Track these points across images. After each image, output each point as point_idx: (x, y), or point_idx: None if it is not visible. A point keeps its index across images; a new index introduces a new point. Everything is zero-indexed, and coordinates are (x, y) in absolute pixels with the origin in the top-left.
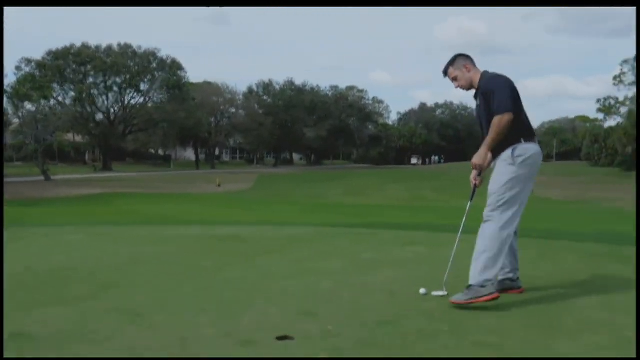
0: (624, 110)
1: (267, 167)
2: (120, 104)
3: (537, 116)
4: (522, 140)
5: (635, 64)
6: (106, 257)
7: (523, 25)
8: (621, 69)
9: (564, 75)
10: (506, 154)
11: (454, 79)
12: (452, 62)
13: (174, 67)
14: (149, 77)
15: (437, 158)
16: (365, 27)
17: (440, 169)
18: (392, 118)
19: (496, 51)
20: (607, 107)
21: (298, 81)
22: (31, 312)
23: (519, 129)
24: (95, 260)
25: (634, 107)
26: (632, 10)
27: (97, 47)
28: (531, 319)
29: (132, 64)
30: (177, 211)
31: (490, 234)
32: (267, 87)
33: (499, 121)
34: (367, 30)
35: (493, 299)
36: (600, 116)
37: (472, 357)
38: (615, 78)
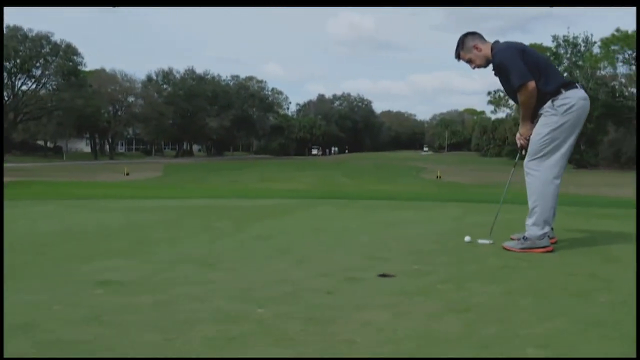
0: (512, 102)
1: (167, 158)
2: (10, 91)
3: (427, 110)
4: (562, 91)
5: None
6: (106, 222)
7: (410, 22)
8: None
9: (450, 71)
10: (548, 104)
11: (469, 61)
12: (461, 46)
13: (69, 52)
14: (41, 61)
15: (336, 149)
16: (259, 21)
17: (343, 159)
18: (292, 109)
19: (386, 47)
20: (497, 100)
21: (198, 70)
22: (93, 263)
23: (551, 84)
24: (97, 224)
25: None
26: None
27: None
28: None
29: (22, 48)
30: (111, 193)
31: (538, 187)
32: (167, 75)
33: (522, 96)
34: (261, 23)
35: (547, 252)
36: (488, 109)
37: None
38: None
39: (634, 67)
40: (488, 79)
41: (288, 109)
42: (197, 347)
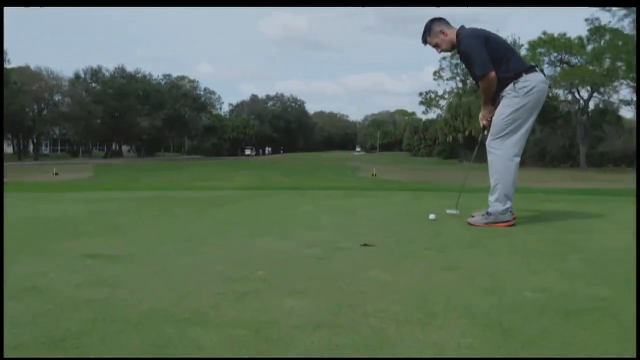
0: (443, 103)
1: (96, 158)
2: None
3: (358, 110)
4: (523, 74)
5: (452, 61)
6: (70, 211)
7: (343, 23)
8: (440, 65)
9: (381, 72)
10: (510, 87)
11: (435, 46)
12: (428, 31)
13: None
14: None
15: (270, 149)
16: (190, 20)
17: (277, 159)
18: (224, 109)
19: (317, 47)
20: (428, 100)
21: (129, 69)
22: (76, 242)
23: (512, 69)
24: (62, 212)
25: (453, 100)
26: (444, 11)
27: None
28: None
29: None
30: (52, 190)
31: (499, 165)
32: (95, 73)
33: (483, 84)
34: (193, 23)
35: (510, 226)
36: (419, 110)
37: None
38: (435, 73)
39: (558, 69)
40: (417, 81)
41: (221, 109)
42: (211, 302)
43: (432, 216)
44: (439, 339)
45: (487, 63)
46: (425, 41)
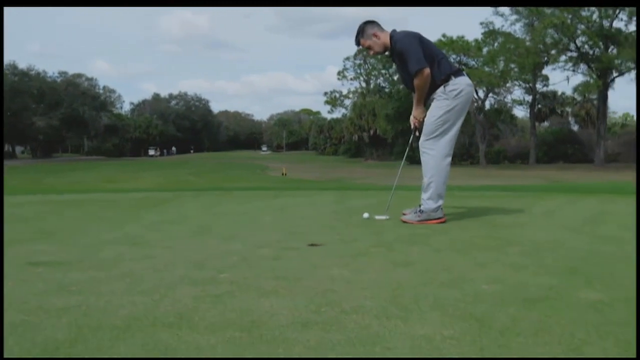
0: (348, 102)
1: None
2: None
3: (263, 110)
4: (452, 77)
5: (356, 61)
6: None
7: (244, 23)
8: (344, 66)
9: (284, 72)
10: (440, 90)
11: (368, 48)
12: (361, 34)
13: None
14: None
15: (174, 149)
16: (79, 13)
17: (184, 158)
18: (125, 108)
19: (219, 46)
20: (333, 100)
21: (21, 65)
22: (16, 247)
23: (443, 71)
24: None
25: (357, 99)
26: (342, 12)
27: None
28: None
29: None
30: None
31: (433, 165)
32: None
33: (419, 80)
34: (83, 16)
35: (441, 223)
36: (324, 109)
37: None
38: (339, 73)
39: None
40: (320, 81)
41: (122, 108)
42: (189, 304)
43: (365, 215)
44: (424, 331)
45: (423, 60)
46: (358, 43)
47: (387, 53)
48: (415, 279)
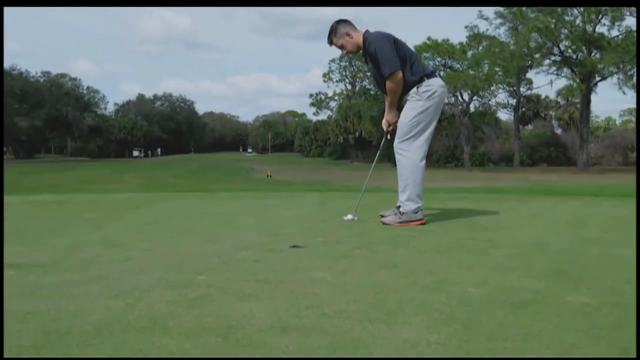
0: (333, 104)
1: None
2: None
3: (248, 111)
4: (425, 79)
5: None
6: None
7: (227, 24)
8: (329, 68)
9: (268, 73)
10: (413, 91)
11: (341, 47)
12: (334, 33)
13: None
14: None
15: (159, 150)
16: (60, 13)
17: (168, 160)
18: (110, 109)
19: (203, 47)
20: (319, 102)
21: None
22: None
23: (416, 73)
24: None
25: (343, 101)
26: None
27: None
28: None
29: None
30: None
31: (408, 166)
32: None
33: (391, 82)
34: (63, 16)
35: (422, 224)
36: (309, 111)
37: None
38: (324, 75)
39: (442, 73)
40: (304, 83)
41: (106, 108)
42: (164, 309)
43: (348, 217)
44: (408, 336)
45: (396, 62)
46: (330, 42)
47: (360, 52)
48: (399, 282)
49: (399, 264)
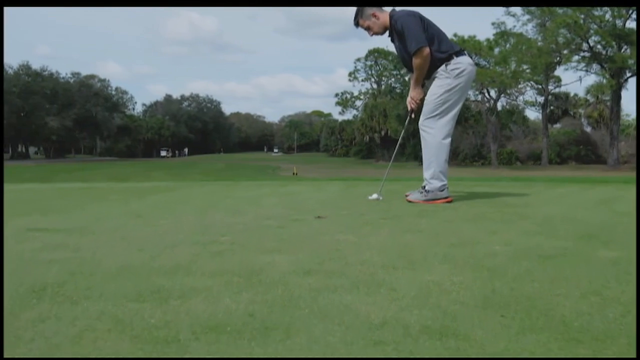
0: (359, 103)
1: None
2: None
3: (274, 112)
4: (454, 56)
5: (367, 62)
6: None
7: (253, 25)
8: (355, 67)
9: (293, 74)
10: (441, 68)
11: (368, 28)
12: (360, 14)
13: None
14: None
15: (186, 150)
16: (88, 16)
17: (195, 160)
18: (138, 110)
19: (229, 48)
20: (344, 101)
21: (34, 66)
22: (17, 219)
23: (444, 50)
24: None
25: (369, 100)
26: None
27: None
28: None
29: None
30: None
31: (433, 144)
32: None
33: (417, 58)
34: (96, 21)
35: (448, 202)
36: (335, 111)
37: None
38: (350, 74)
39: None
40: (330, 83)
41: (134, 109)
42: (187, 259)
43: (374, 196)
44: (432, 277)
45: (423, 38)
46: (357, 24)
47: (387, 35)
48: (424, 242)
49: (424, 230)
